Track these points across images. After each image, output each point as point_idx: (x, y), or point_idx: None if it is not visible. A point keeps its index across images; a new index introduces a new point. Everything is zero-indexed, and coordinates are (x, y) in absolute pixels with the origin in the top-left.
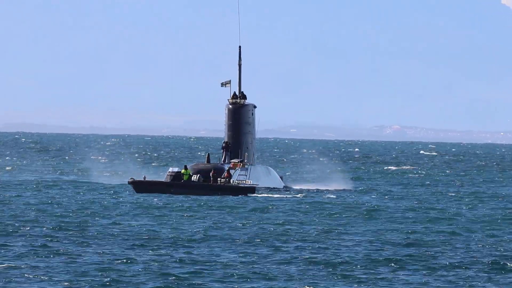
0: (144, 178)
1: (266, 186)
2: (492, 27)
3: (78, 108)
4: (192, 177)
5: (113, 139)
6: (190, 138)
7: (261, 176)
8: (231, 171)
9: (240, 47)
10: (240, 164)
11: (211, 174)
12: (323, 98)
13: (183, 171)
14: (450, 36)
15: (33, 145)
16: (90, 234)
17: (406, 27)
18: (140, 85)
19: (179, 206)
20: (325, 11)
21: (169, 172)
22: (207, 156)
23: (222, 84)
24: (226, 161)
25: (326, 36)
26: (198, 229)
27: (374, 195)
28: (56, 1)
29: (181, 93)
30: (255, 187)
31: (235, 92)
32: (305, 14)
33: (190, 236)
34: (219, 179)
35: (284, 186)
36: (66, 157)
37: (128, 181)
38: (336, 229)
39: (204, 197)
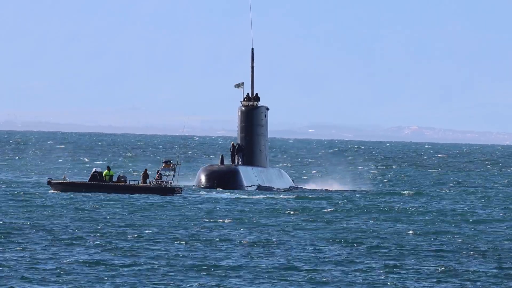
0: (64, 177)
1: (278, 187)
2: (511, 26)
3: (98, 107)
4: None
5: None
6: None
7: (273, 178)
8: (162, 172)
9: (252, 49)
10: (163, 165)
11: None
12: (340, 99)
13: (105, 171)
14: (469, 37)
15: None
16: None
17: (424, 28)
18: (159, 85)
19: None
20: (342, 10)
21: (92, 172)
22: (220, 157)
23: (235, 86)
24: (240, 163)
25: (343, 36)
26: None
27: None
28: (76, 2)
29: (200, 93)
30: (175, 188)
31: (248, 93)
32: (322, 14)
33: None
34: (150, 180)
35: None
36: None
37: (47, 181)
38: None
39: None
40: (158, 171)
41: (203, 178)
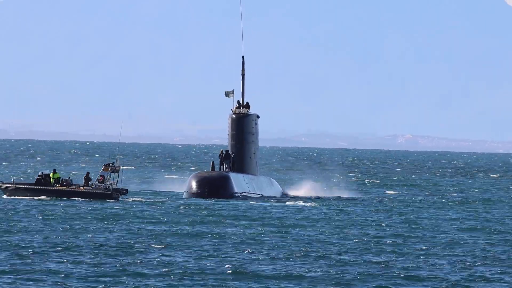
0: (13, 181)
1: (268, 195)
2: (505, 33)
3: (92, 116)
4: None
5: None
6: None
7: (264, 186)
8: (104, 175)
9: (243, 57)
10: (103, 168)
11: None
12: (335, 107)
13: (51, 174)
14: (463, 44)
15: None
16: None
17: (418, 36)
18: (155, 93)
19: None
20: (335, 18)
21: (37, 175)
22: (211, 164)
23: (226, 94)
24: (226, 170)
25: (339, 44)
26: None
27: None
28: (73, 10)
29: (197, 101)
30: (112, 193)
31: (239, 101)
32: (316, 21)
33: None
34: (92, 183)
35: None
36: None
37: None
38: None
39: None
40: (100, 173)
41: (194, 185)
